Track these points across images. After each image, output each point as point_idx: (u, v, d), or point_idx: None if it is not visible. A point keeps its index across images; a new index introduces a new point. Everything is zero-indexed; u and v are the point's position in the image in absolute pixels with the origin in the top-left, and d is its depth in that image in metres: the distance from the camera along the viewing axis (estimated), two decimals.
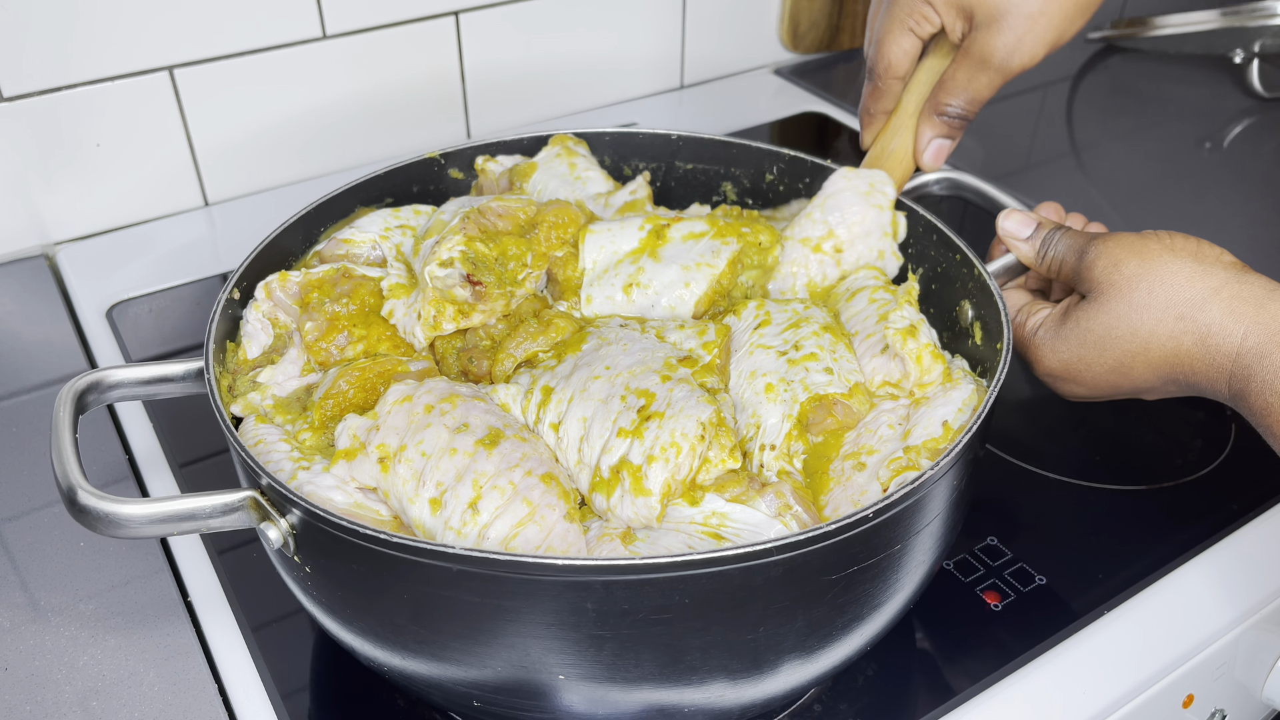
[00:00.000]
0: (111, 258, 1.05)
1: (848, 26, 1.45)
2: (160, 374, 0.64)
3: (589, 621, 0.51)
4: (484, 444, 0.58)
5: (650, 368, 0.63)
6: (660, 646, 0.53)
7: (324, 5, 1.08)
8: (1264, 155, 1.27)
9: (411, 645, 0.56)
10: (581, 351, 0.66)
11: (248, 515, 0.56)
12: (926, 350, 0.67)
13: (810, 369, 0.66)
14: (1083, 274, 0.70)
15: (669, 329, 0.69)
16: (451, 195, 0.85)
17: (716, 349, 0.67)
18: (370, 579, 0.54)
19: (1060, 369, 0.71)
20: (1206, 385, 0.66)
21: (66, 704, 0.65)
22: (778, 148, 0.84)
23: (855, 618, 0.57)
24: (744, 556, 0.50)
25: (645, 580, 0.50)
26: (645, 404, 0.60)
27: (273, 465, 0.60)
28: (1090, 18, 0.77)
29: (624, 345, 0.65)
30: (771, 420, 0.64)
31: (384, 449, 0.59)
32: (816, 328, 0.68)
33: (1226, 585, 0.74)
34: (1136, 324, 0.67)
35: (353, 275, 0.70)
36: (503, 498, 0.56)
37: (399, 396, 0.61)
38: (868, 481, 0.61)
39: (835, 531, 0.51)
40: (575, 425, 0.61)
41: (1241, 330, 0.63)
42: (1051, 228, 0.74)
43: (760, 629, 0.54)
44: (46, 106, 1.00)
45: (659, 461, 0.58)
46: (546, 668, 0.54)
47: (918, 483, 0.54)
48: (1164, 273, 0.66)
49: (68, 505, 0.55)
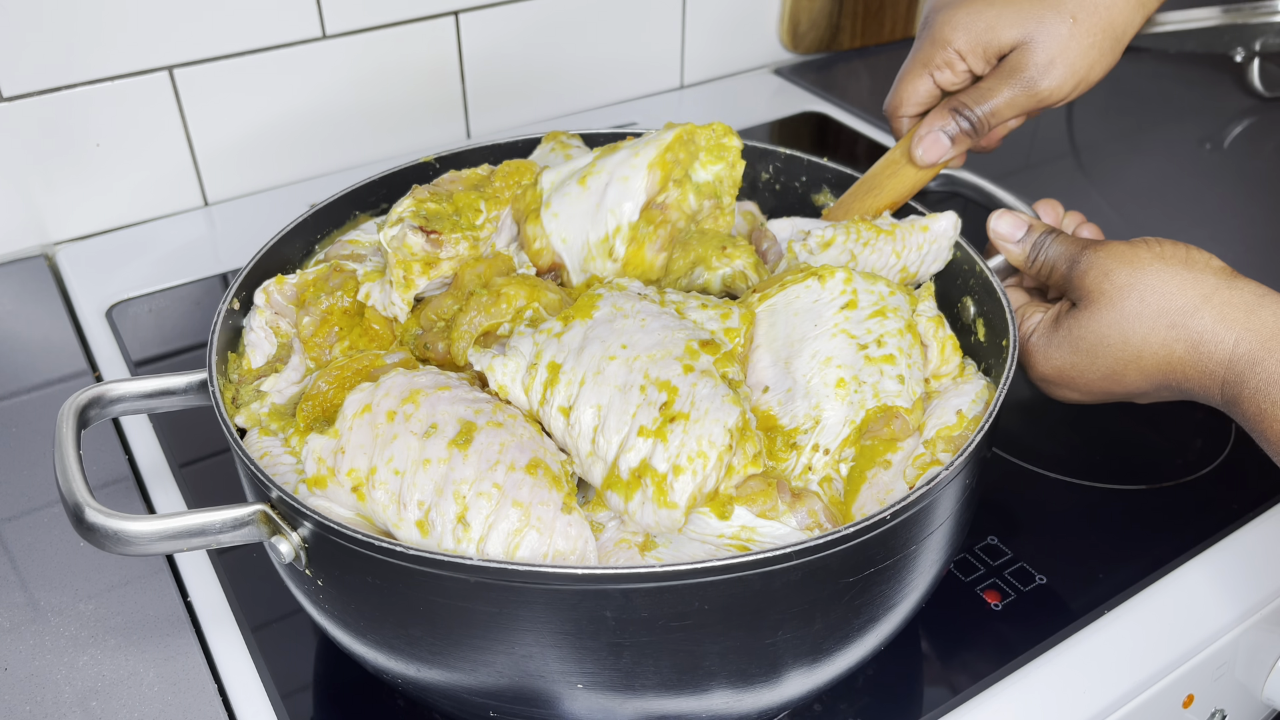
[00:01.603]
0: (111, 258, 1.05)
1: (848, 26, 1.45)
2: (163, 387, 0.63)
3: (608, 630, 0.51)
4: (457, 444, 0.55)
5: (671, 353, 0.59)
6: (679, 653, 0.53)
7: (324, 5, 1.08)
8: (1264, 155, 1.27)
9: (426, 656, 0.55)
10: (593, 320, 0.61)
11: (257, 530, 0.56)
12: (950, 340, 0.68)
13: (885, 373, 0.63)
14: (1074, 282, 0.70)
15: (689, 304, 0.65)
16: None
17: (740, 337, 0.63)
18: (385, 591, 0.53)
19: (1054, 374, 0.71)
20: (1199, 392, 0.66)
21: (66, 704, 0.65)
22: (773, 146, 0.84)
23: (871, 619, 0.57)
24: (763, 562, 0.50)
25: (665, 588, 0.50)
26: (668, 400, 0.57)
27: (279, 478, 0.59)
28: (1120, 55, 0.76)
29: (641, 320, 0.61)
30: (833, 420, 0.62)
31: (355, 475, 0.56)
32: (901, 325, 0.65)
33: (1226, 585, 0.74)
34: (1129, 332, 0.67)
35: (344, 270, 0.70)
36: (490, 504, 0.54)
37: (358, 408, 0.58)
38: (893, 479, 0.61)
39: (853, 534, 0.51)
40: (589, 413, 0.58)
41: (1233, 337, 0.64)
42: (1043, 231, 0.73)
43: (779, 633, 0.53)
44: (46, 106, 1.00)
45: (686, 473, 0.55)
46: (564, 676, 0.53)
47: (933, 482, 0.54)
48: (1155, 281, 0.66)
49: (74, 523, 0.54)
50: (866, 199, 0.80)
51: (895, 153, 0.80)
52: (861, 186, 0.80)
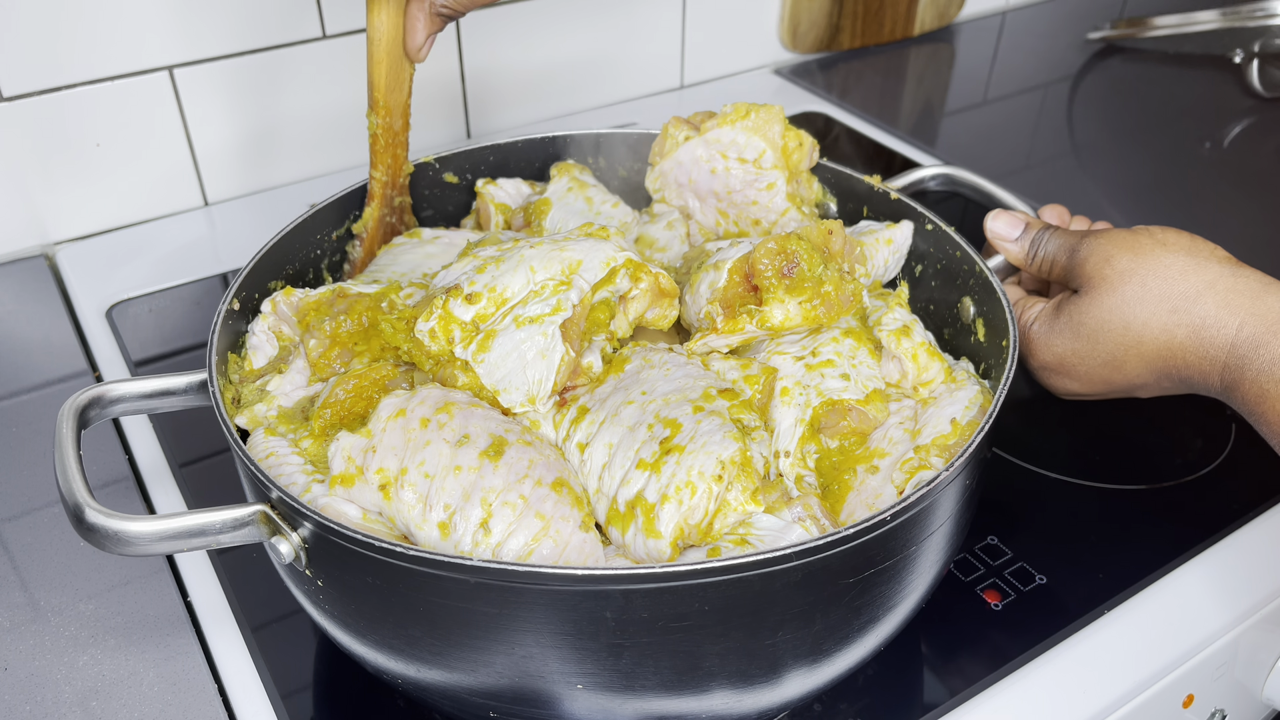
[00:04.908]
0: (111, 258, 1.05)
1: (848, 26, 1.45)
2: (163, 387, 0.63)
3: (608, 631, 0.51)
4: (488, 455, 0.57)
5: (687, 396, 0.60)
6: (679, 654, 0.53)
7: (324, 5, 1.08)
8: (1264, 155, 1.27)
9: (427, 657, 0.55)
10: (624, 373, 0.64)
11: (257, 530, 0.56)
12: (922, 348, 0.68)
13: (826, 375, 0.65)
14: (1074, 270, 0.70)
15: (714, 356, 0.67)
16: (448, 202, 0.86)
17: (759, 384, 0.64)
18: (386, 592, 0.53)
19: (1054, 362, 0.71)
20: (1199, 379, 0.66)
21: (66, 704, 0.65)
22: None
23: (871, 619, 0.57)
24: (764, 563, 0.50)
25: (664, 589, 0.50)
26: (670, 435, 0.58)
27: (285, 479, 0.59)
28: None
29: (665, 370, 0.63)
30: (785, 424, 0.64)
31: (384, 474, 0.57)
32: (836, 334, 0.68)
33: (1226, 585, 0.74)
34: (1129, 317, 0.67)
35: (348, 294, 0.69)
36: (514, 514, 0.55)
37: (392, 411, 0.59)
38: (881, 484, 0.62)
39: (854, 535, 0.51)
40: (600, 450, 0.60)
41: (1237, 322, 0.63)
42: (1040, 228, 0.74)
43: (779, 634, 0.53)
44: (46, 106, 1.00)
45: (672, 502, 0.56)
46: (564, 677, 0.53)
47: (934, 483, 0.54)
48: (1157, 266, 0.66)
49: (75, 524, 0.54)
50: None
51: (391, 45, 0.75)
52: (376, 87, 0.77)
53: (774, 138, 0.78)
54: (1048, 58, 1.50)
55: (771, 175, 0.78)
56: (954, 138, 1.29)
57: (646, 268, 0.65)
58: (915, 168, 0.84)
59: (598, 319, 0.64)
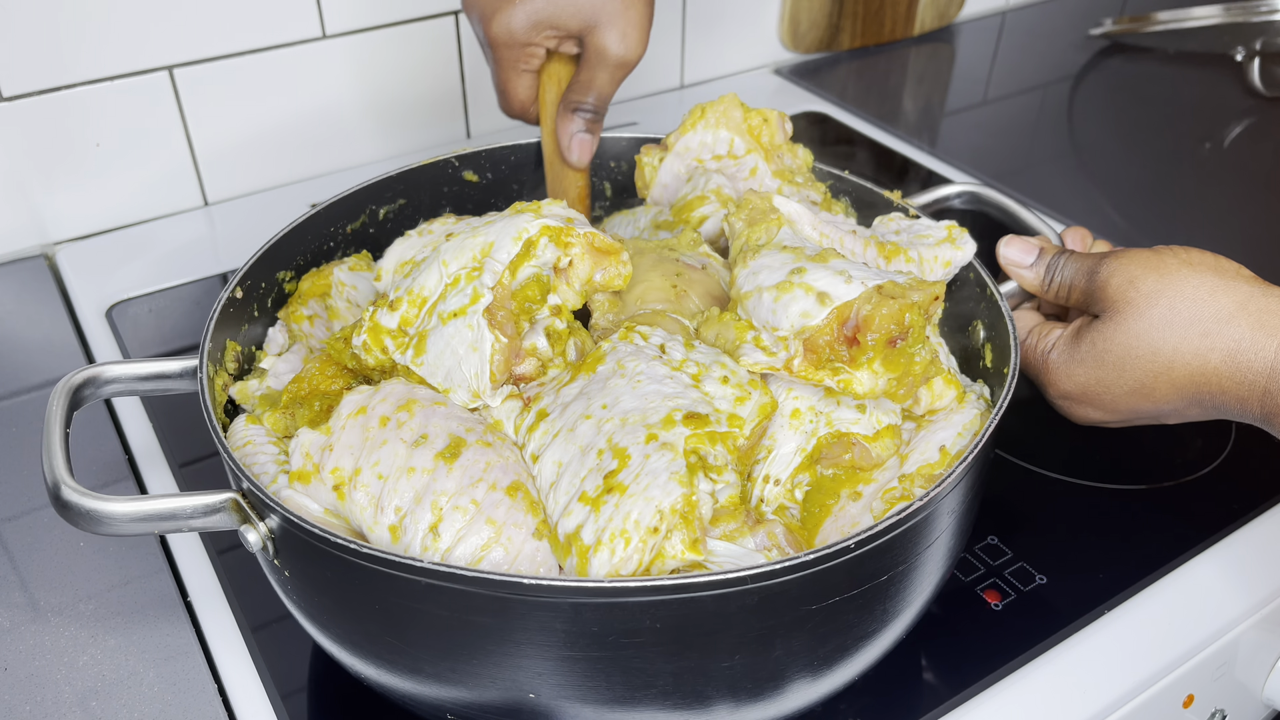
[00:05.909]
0: (111, 258, 1.05)
1: (848, 26, 1.45)
2: (157, 370, 0.64)
3: (558, 642, 0.50)
4: (444, 457, 0.56)
5: (645, 420, 0.56)
6: (632, 670, 0.52)
7: (324, 5, 1.08)
8: (1264, 155, 1.27)
9: (386, 655, 0.55)
10: (595, 374, 0.61)
11: (229, 517, 0.56)
12: (940, 377, 0.64)
13: (843, 402, 0.62)
14: (1095, 294, 0.67)
15: (712, 372, 0.61)
16: (467, 200, 0.86)
17: (744, 429, 0.58)
18: (344, 587, 0.53)
19: (1077, 392, 0.68)
20: (1235, 405, 0.63)
21: (66, 704, 0.65)
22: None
23: (840, 648, 0.55)
24: (714, 584, 0.48)
25: (613, 604, 0.49)
26: (615, 469, 0.54)
27: (258, 468, 0.60)
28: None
29: (635, 382, 0.59)
30: (785, 450, 0.61)
31: (338, 474, 0.57)
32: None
33: (1227, 585, 0.74)
34: (1158, 342, 0.63)
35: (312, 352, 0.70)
36: (465, 518, 0.54)
37: (353, 409, 0.58)
38: (860, 513, 0.59)
39: (812, 562, 0.49)
40: (550, 467, 0.57)
41: (1275, 345, 0.61)
42: (1055, 252, 0.71)
43: (736, 657, 0.52)
44: (46, 106, 1.00)
45: (605, 549, 0.53)
46: (517, 686, 0.53)
47: (906, 512, 0.52)
48: (1184, 288, 0.63)
49: (52, 500, 0.55)
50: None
51: (552, 157, 0.81)
52: (553, 194, 0.83)
53: (736, 123, 0.79)
54: (1047, 58, 1.50)
55: (749, 160, 0.78)
56: (954, 138, 1.29)
57: (570, 230, 0.63)
58: (942, 184, 0.81)
59: (528, 296, 0.62)
